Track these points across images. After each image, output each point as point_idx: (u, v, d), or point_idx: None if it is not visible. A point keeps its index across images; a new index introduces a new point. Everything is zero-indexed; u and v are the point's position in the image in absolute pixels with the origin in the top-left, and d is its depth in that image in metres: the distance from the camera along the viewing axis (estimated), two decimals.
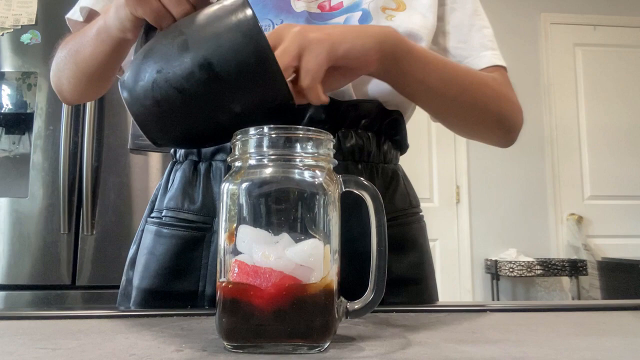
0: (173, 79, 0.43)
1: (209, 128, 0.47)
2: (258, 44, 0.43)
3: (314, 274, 0.36)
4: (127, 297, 0.68)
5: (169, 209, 0.66)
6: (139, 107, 0.46)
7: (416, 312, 0.55)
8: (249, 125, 0.39)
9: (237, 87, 0.44)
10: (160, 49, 0.46)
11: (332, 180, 0.39)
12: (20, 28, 1.85)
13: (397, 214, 0.68)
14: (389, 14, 0.66)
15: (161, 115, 0.45)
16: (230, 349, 0.36)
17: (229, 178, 0.39)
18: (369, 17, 0.65)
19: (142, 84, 0.45)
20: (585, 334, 0.45)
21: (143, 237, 0.69)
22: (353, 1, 0.66)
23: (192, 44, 0.44)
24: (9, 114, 1.96)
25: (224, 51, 0.43)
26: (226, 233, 0.38)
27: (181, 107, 0.44)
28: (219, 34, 0.44)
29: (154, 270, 0.64)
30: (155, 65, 0.45)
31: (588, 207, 3.22)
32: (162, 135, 0.48)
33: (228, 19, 0.45)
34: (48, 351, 0.37)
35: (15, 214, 1.76)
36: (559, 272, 2.91)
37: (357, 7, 0.66)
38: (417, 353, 0.36)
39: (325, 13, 0.66)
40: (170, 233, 0.64)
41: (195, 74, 0.43)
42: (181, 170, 0.67)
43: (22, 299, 1.72)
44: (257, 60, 0.43)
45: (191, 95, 0.44)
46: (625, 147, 3.26)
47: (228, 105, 0.45)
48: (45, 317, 0.52)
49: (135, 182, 1.80)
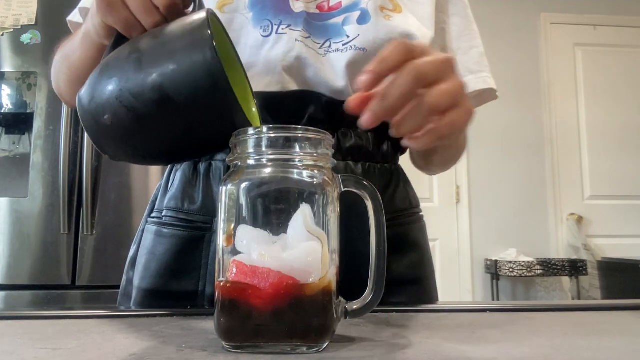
0: (124, 97, 0.42)
1: (162, 147, 0.45)
2: (212, 68, 0.40)
3: (313, 274, 0.36)
4: (127, 297, 0.68)
5: (169, 209, 0.66)
6: (91, 121, 0.44)
7: (416, 312, 0.55)
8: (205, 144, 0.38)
9: (189, 110, 0.41)
10: (116, 65, 0.44)
11: (331, 180, 0.39)
12: (20, 28, 1.85)
13: (397, 214, 0.67)
14: (387, 14, 0.66)
15: (113, 132, 0.44)
16: (229, 349, 0.36)
17: (227, 178, 0.39)
18: (367, 16, 0.65)
19: (95, 99, 0.43)
20: (585, 334, 0.45)
21: (143, 237, 0.69)
22: (352, 1, 0.66)
23: (145, 63, 0.42)
24: (9, 114, 1.96)
25: (176, 73, 0.41)
26: (224, 235, 0.38)
27: (132, 126, 0.43)
28: (173, 53, 0.42)
29: (154, 270, 0.64)
30: (108, 81, 0.43)
31: (588, 207, 3.22)
32: (115, 151, 0.47)
33: (186, 39, 0.42)
34: (48, 351, 0.37)
35: (15, 214, 1.76)
36: (559, 272, 2.91)
37: (355, 7, 0.66)
38: (417, 353, 0.36)
39: (324, 13, 0.66)
40: (170, 233, 0.64)
41: (146, 94, 0.41)
42: (181, 170, 0.67)
43: (22, 299, 1.72)
44: (210, 86, 0.40)
45: (142, 115, 0.42)
46: (625, 147, 3.26)
47: (180, 126, 0.43)
48: (45, 317, 0.52)
49: (135, 182, 1.81)
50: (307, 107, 0.62)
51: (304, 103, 0.62)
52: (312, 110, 0.62)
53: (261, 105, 0.59)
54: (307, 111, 0.62)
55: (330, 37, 0.64)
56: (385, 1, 0.67)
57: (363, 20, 0.65)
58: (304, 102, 0.62)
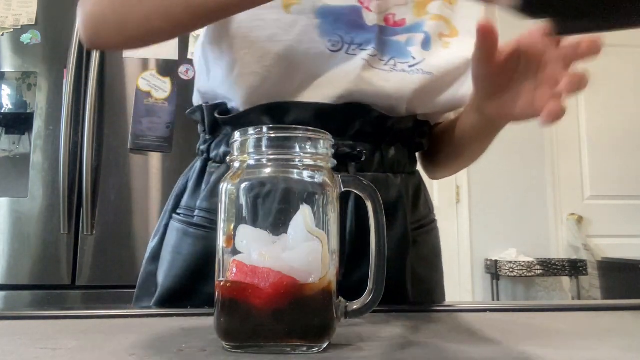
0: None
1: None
2: None
3: (313, 274, 0.36)
4: (147, 291, 0.67)
5: (201, 209, 0.65)
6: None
7: (416, 312, 0.55)
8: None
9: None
10: None
11: (331, 180, 0.39)
12: (20, 28, 1.85)
13: (424, 222, 0.70)
14: (445, 41, 0.66)
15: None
16: (229, 349, 0.36)
17: (227, 178, 0.39)
18: (429, 42, 0.65)
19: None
20: (585, 334, 0.45)
21: (168, 233, 0.68)
22: (415, 20, 0.65)
23: None
24: (9, 114, 1.96)
25: None
26: (224, 236, 0.38)
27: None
28: None
29: (180, 270, 0.63)
30: None
31: (588, 207, 3.22)
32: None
33: None
34: (48, 351, 0.37)
35: (15, 214, 1.76)
36: (559, 272, 2.91)
37: (419, 28, 0.65)
38: (417, 353, 0.36)
39: (389, 28, 0.64)
40: (199, 234, 0.63)
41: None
42: (218, 172, 0.66)
43: (22, 299, 1.72)
44: None
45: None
46: (625, 147, 3.26)
47: None
48: (45, 317, 0.52)
49: (135, 182, 1.80)
50: (356, 119, 0.62)
51: (355, 116, 0.62)
52: (361, 123, 0.62)
53: (312, 114, 0.60)
54: (355, 124, 0.62)
55: (394, 55, 0.63)
56: (443, 27, 0.66)
57: (426, 47, 0.65)
58: (356, 115, 0.62)
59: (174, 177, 1.80)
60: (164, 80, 1.86)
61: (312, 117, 0.60)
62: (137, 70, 1.86)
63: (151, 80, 1.86)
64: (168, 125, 1.83)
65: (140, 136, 1.82)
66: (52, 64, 1.83)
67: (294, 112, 0.61)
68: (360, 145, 0.62)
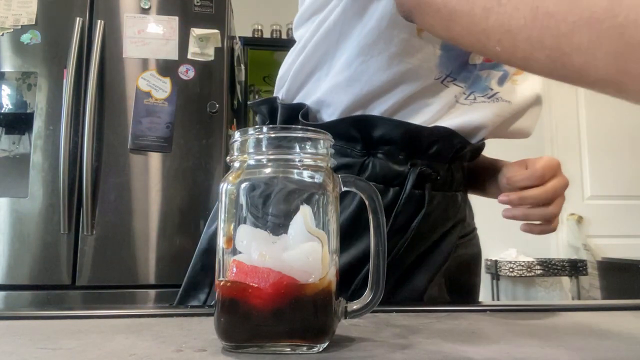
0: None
1: None
2: None
3: (313, 275, 0.36)
4: (197, 285, 0.67)
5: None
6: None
7: (416, 312, 0.55)
8: None
9: None
10: None
11: (331, 180, 0.39)
12: (20, 28, 1.85)
13: (467, 230, 0.75)
14: (514, 79, 0.69)
15: None
16: (229, 349, 0.36)
17: (227, 178, 0.39)
18: (505, 79, 0.68)
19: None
20: (585, 334, 0.45)
21: None
22: None
23: None
24: (9, 114, 1.96)
25: None
26: (224, 237, 0.38)
27: None
28: None
29: None
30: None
31: (588, 207, 3.22)
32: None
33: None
34: (48, 351, 0.37)
35: (15, 214, 1.76)
36: (559, 272, 2.91)
37: (500, 66, 0.67)
38: (417, 353, 0.36)
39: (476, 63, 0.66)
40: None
41: None
42: None
43: (22, 299, 1.72)
44: None
45: None
46: (626, 147, 3.26)
47: None
48: (45, 317, 0.52)
49: (135, 182, 1.80)
50: (438, 143, 0.64)
51: (438, 140, 0.64)
52: (441, 146, 0.64)
53: (400, 132, 0.62)
54: (436, 146, 0.64)
55: (475, 90, 0.66)
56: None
57: (501, 83, 0.68)
58: (439, 139, 0.64)
59: (173, 177, 1.81)
60: (164, 80, 1.86)
61: (399, 136, 0.62)
62: (137, 70, 1.86)
63: (151, 80, 1.86)
64: (168, 125, 1.83)
65: (140, 136, 1.82)
66: (52, 64, 1.83)
67: (381, 127, 0.62)
68: (436, 165, 0.65)
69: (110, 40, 1.86)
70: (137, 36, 1.88)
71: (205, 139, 1.83)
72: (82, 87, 1.80)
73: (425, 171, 0.63)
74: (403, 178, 0.63)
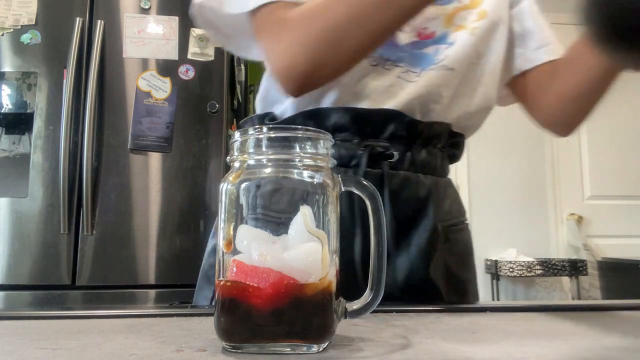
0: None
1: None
2: None
3: (313, 275, 0.36)
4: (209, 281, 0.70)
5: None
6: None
7: (416, 312, 0.55)
8: None
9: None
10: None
11: (331, 180, 0.39)
12: (20, 28, 1.85)
13: (455, 221, 0.75)
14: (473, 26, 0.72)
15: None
16: (229, 349, 0.36)
17: (227, 178, 0.39)
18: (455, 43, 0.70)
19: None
20: (585, 334, 0.45)
21: None
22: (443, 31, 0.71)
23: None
24: (9, 114, 1.96)
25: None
26: (224, 240, 0.38)
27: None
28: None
29: None
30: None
31: (588, 207, 3.22)
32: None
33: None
34: (48, 351, 0.37)
35: (15, 214, 1.76)
36: (559, 272, 2.91)
37: (445, 40, 0.71)
38: (417, 353, 0.36)
39: (420, 41, 0.70)
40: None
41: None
42: None
43: (22, 299, 1.72)
44: None
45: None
46: (626, 146, 3.26)
47: None
48: (45, 317, 0.52)
49: (135, 182, 1.80)
50: (390, 124, 0.67)
51: (388, 120, 0.67)
52: (394, 127, 0.67)
53: (349, 118, 0.67)
54: (389, 128, 0.67)
55: (424, 66, 0.69)
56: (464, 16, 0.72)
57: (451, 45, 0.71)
58: (389, 120, 0.67)
59: (174, 177, 1.81)
60: (164, 80, 1.86)
61: (349, 122, 0.66)
62: (137, 70, 1.86)
63: (151, 80, 1.86)
64: (168, 125, 1.83)
65: (140, 136, 1.82)
66: (52, 64, 1.83)
67: (333, 117, 0.67)
68: (393, 146, 0.67)
69: (110, 40, 1.86)
70: (137, 36, 1.88)
71: (205, 139, 1.83)
72: (82, 87, 1.80)
73: (376, 150, 0.66)
74: (359, 159, 0.66)
